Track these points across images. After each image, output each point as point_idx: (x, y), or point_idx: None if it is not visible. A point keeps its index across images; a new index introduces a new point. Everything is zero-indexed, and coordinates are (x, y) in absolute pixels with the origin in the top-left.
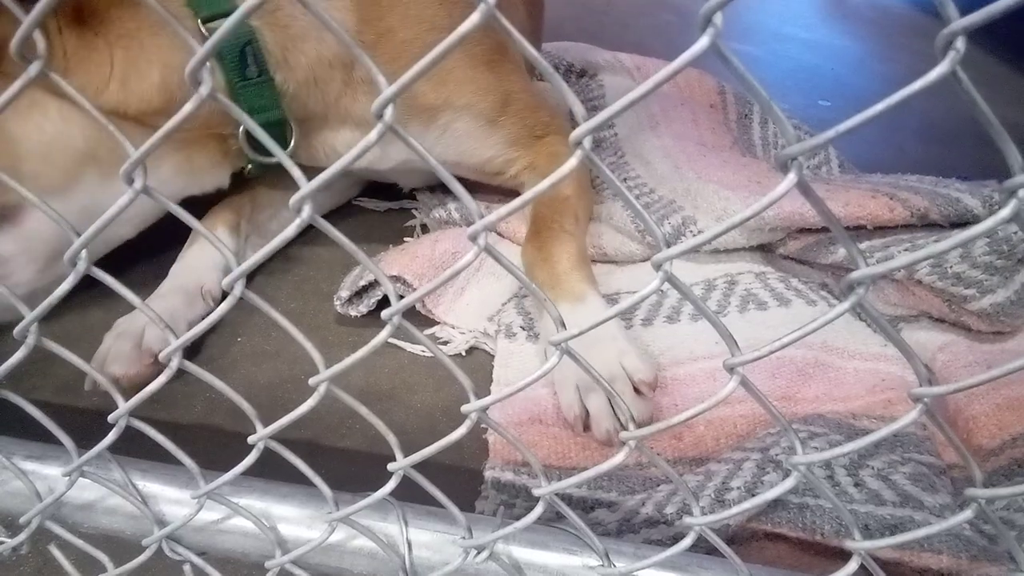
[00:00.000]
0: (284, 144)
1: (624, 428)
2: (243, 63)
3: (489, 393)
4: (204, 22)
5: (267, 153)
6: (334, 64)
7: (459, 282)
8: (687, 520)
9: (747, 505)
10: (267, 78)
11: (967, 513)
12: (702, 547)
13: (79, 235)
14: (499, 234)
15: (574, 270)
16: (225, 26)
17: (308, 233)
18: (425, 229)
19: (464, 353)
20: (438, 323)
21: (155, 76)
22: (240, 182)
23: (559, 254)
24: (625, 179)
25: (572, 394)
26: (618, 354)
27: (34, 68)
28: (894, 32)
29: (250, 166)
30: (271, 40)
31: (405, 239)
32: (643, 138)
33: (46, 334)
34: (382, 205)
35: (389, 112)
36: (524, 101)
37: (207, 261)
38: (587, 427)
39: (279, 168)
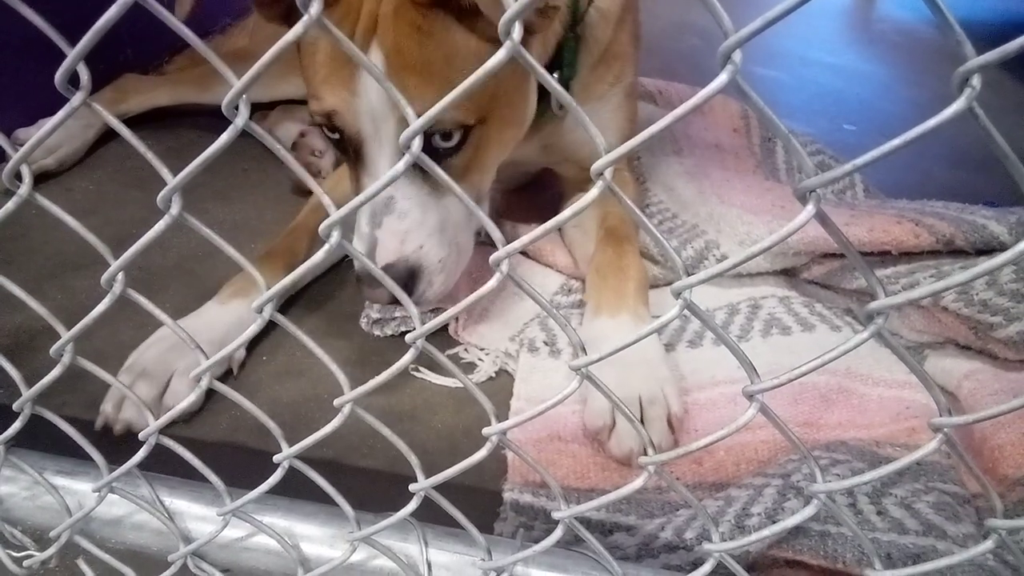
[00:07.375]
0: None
1: (644, 452)
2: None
3: (509, 410)
4: None
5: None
6: None
7: (482, 303)
8: (706, 546)
9: (767, 532)
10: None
11: (988, 544)
12: (721, 573)
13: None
14: (523, 253)
15: (639, 291)
16: None
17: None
18: None
19: (494, 375)
20: (461, 343)
21: None
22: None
23: (631, 270)
24: (648, 205)
25: (604, 402)
26: (662, 380)
27: None
28: (920, 56)
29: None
30: None
31: None
32: (665, 163)
33: (77, 351)
34: None
35: (416, 144)
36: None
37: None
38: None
39: None
